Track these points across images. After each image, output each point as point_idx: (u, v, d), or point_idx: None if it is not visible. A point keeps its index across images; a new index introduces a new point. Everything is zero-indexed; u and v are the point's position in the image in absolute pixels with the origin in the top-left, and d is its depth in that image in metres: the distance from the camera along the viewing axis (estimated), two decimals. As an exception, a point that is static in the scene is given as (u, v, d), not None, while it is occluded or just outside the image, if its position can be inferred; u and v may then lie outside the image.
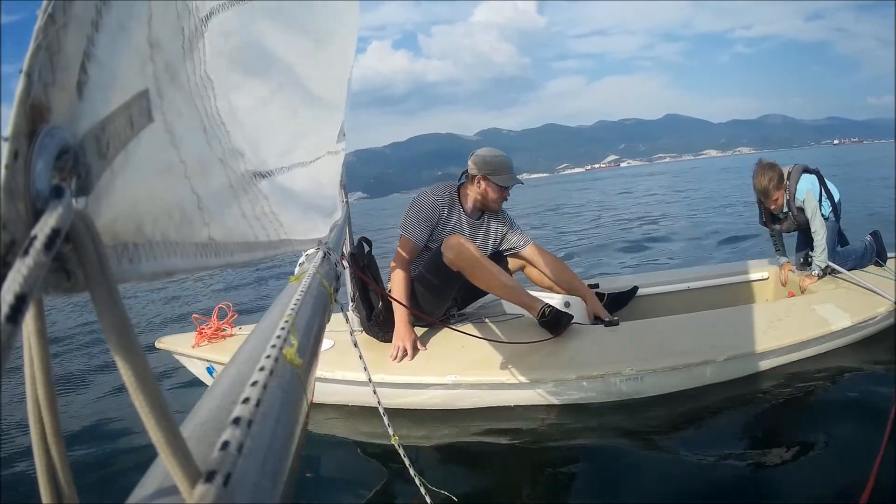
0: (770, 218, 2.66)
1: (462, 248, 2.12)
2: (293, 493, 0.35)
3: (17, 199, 0.20)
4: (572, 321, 2.14)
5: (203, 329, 2.47)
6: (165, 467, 0.25)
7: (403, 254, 2.24)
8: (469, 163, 2.36)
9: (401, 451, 1.24)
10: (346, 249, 2.20)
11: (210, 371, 2.44)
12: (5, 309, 0.19)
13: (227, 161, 0.43)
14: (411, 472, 1.26)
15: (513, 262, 2.50)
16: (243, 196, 0.45)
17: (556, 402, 2.02)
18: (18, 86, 0.21)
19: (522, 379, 1.94)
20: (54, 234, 0.20)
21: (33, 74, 0.21)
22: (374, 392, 1.21)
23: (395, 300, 2.14)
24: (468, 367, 2.02)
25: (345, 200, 1.80)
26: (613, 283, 2.83)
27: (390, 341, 2.19)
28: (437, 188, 2.34)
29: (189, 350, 2.44)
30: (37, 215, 0.20)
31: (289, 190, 0.64)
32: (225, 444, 0.27)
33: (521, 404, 2.04)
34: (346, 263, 2.09)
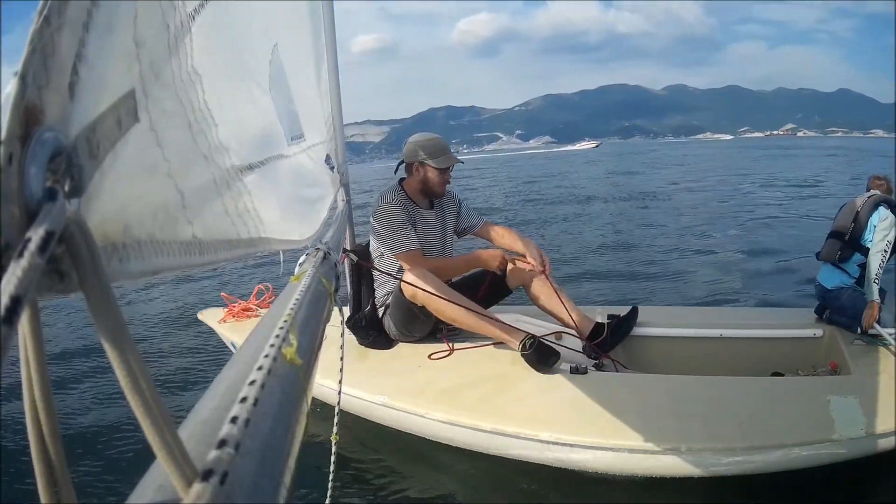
0: None
1: (416, 288, 2.00)
2: (292, 493, 0.35)
3: (11, 202, 0.20)
4: (560, 359, 1.92)
5: (233, 307, 2.72)
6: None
7: (416, 267, 2.09)
8: (404, 152, 2.27)
9: (332, 451, 1.14)
10: (348, 248, 2.19)
11: (234, 346, 2.57)
12: (1, 311, 0.19)
13: (211, 156, 0.43)
14: (330, 477, 1.17)
15: (512, 280, 2.33)
16: (226, 192, 0.46)
17: (469, 449, 1.83)
18: (13, 89, 0.21)
19: (445, 417, 1.79)
20: (48, 237, 0.20)
21: (28, 77, 0.21)
22: (339, 392, 1.18)
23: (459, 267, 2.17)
24: (401, 392, 1.90)
25: (345, 199, 1.80)
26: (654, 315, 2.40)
27: (368, 346, 2.22)
28: (385, 196, 2.23)
29: (215, 324, 2.70)
30: (31, 217, 0.21)
31: (270, 186, 0.64)
32: (222, 443, 0.27)
33: (441, 441, 1.88)
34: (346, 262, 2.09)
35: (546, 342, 1.97)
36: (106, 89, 0.27)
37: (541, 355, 1.90)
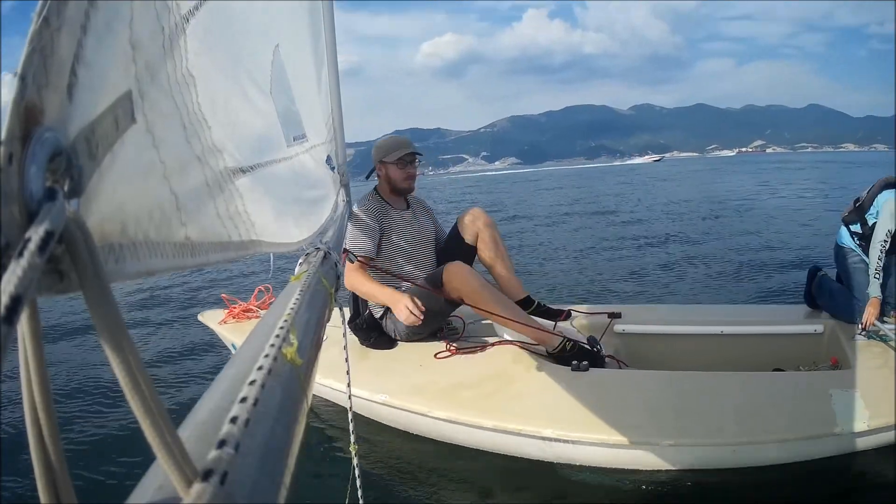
0: None
1: (466, 278, 2.03)
2: (293, 493, 0.35)
3: (11, 202, 0.20)
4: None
5: (233, 309, 2.74)
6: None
7: (349, 269, 2.13)
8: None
9: (354, 461, 1.15)
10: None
11: (234, 348, 2.57)
12: (2, 311, 0.19)
13: (205, 159, 0.43)
14: (358, 483, 1.17)
15: (468, 236, 2.37)
16: (219, 195, 0.46)
17: (471, 446, 1.85)
18: (13, 89, 0.21)
19: (446, 415, 1.79)
20: (48, 237, 0.20)
21: (28, 77, 0.22)
22: (349, 397, 1.17)
23: (376, 295, 2.16)
24: (402, 390, 1.92)
25: (346, 200, 1.80)
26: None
27: (370, 347, 2.23)
28: (361, 202, 2.29)
29: (215, 326, 2.72)
30: (31, 217, 0.21)
31: (264, 188, 0.64)
32: (222, 443, 0.27)
33: (442, 440, 1.91)
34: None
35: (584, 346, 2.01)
36: (103, 91, 0.27)
37: (584, 357, 1.93)
